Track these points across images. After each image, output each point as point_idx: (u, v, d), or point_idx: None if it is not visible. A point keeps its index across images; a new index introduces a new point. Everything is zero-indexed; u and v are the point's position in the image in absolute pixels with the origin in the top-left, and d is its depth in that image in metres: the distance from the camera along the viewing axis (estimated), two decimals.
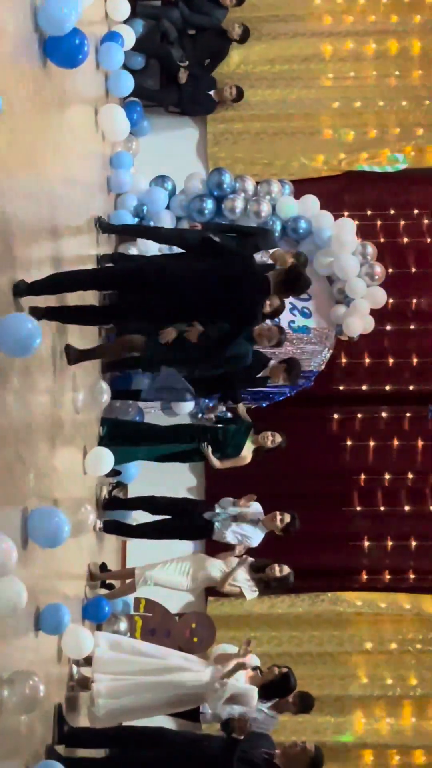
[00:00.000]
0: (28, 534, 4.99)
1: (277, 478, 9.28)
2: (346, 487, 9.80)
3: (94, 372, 7.75)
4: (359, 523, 9.75)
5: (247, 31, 10.04)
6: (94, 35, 7.93)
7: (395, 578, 9.71)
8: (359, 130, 10.24)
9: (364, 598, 9.57)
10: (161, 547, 8.08)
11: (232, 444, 7.94)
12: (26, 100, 5.33)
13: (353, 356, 9.92)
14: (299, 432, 9.12)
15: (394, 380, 9.94)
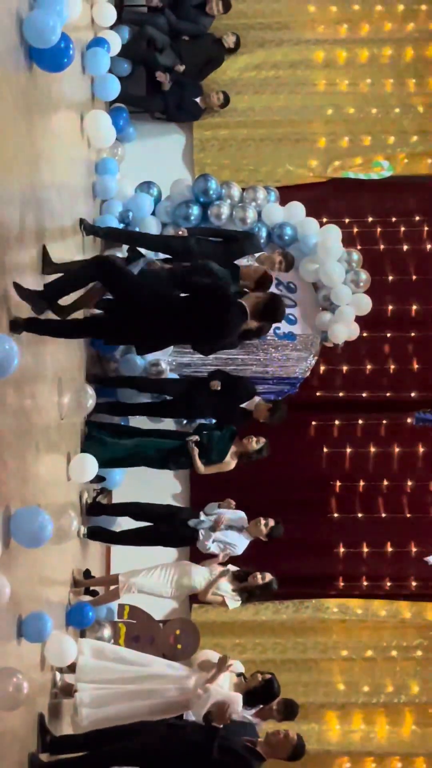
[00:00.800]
0: (11, 533, 4.96)
1: (262, 485, 9.27)
2: (330, 494, 9.80)
3: (79, 378, 7.74)
4: (343, 529, 9.75)
5: (238, 41, 10.07)
6: (80, 41, 7.93)
7: (379, 585, 9.71)
8: (346, 137, 10.26)
9: (349, 605, 9.56)
10: (145, 553, 8.06)
11: (216, 449, 7.94)
12: (11, 104, 5.31)
13: (335, 363, 9.94)
14: (284, 439, 9.13)
15: (375, 387, 9.96)
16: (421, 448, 9.86)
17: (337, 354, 9.88)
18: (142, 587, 7.43)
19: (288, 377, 9.70)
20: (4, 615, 4.97)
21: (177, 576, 7.42)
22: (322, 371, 9.91)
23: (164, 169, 9.97)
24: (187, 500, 9.51)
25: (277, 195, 9.84)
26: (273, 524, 7.66)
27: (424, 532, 9.77)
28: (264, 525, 7.65)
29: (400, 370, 9.97)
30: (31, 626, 5.38)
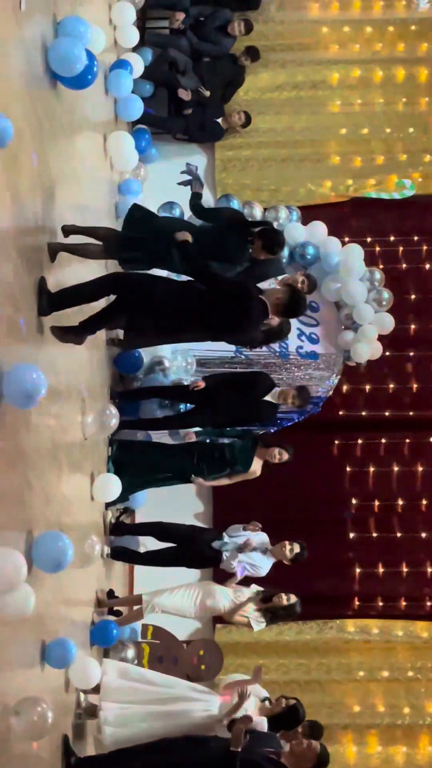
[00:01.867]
0: (33, 560, 4.97)
1: (285, 503, 9.26)
2: (356, 513, 9.76)
3: (102, 398, 7.75)
4: (368, 549, 9.70)
5: (256, 52, 10.10)
6: (103, 63, 7.98)
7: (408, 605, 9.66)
8: (367, 156, 10.29)
9: (373, 626, 9.51)
10: (169, 573, 8.04)
11: (241, 460, 7.92)
12: (36, 126, 5.35)
13: (358, 382, 9.92)
14: (307, 458, 9.11)
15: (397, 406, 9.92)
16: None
17: (360, 373, 9.86)
18: (165, 607, 7.41)
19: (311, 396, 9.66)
20: (28, 637, 4.97)
21: (201, 596, 7.40)
22: (345, 390, 9.89)
23: (186, 190, 9.99)
24: (210, 519, 9.50)
25: (299, 214, 9.86)
26: (298, 550, 7.62)
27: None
28: (289, 550, 7.61)
29: (424, 389, 9.94)
30: (54, 652, 5.37)
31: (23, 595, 4.34)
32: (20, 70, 4.98)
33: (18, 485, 4.79)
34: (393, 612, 9.64)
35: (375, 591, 9.67)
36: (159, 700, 6.51)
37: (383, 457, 9.87)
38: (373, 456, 9.87)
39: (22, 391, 4.46)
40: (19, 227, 4.99)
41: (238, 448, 7.99)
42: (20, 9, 4.90)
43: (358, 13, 10.52)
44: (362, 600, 9.66)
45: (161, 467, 8.08)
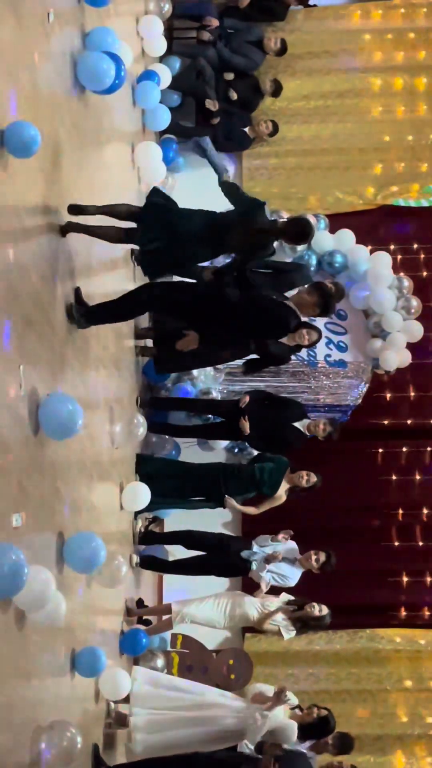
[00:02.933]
0: (65, 558, 4.99)
1: (313, 513, 9.22)
2: (384, 522, 9.71)
3: (130, 407, 7.76)
4: (397, 558, 9.65)
5: (280, 88, 10.12)
6: (130, 74, 8.02)
7: None
8: (394, 164, 10.25)
9: (403, 635, 9.45)
10: (198, 582, 8.04)
11: (270, 483, 7.87)
12: (64, 137, 5.39)
13: (388, 390, 9.87)
14: (335, 466, 9.08)
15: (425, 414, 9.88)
16: None
17: (385, 381, 9.82)
18: (195, 618, 7.39)
19: (339, 405, 9.64)
20: (58, 646, 4.98)
21: (230, 606, 7.38)
22: (372, 398, 9.85)
23: (214, 199, 9.99)
24: (238, 529, 9.48)
25: (327, 223, 9.84)
26: (324, 559, 7.59)
27: None
28: (315, 560, 7.59)
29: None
30: (84, 661, 5.37)
31: (54, 605, 4.36)
32: (48, 81, 5.02)
33: (48, 494, 4.81)
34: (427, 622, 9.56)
35: (407, 600, 9.60)
36: (189, 706, 6.49)
37: (417, 465, 9.80)
38: (404, 464, 9.81)
39: (59, 425, 4.55)
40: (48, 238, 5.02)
41: (268, 471, 7.94)
42: (48, 21, 4.94)
43: (380, 21, 10.50)
44: (394, 610, 9.59)
45: (189, 487, 8.05)
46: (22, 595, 4.02)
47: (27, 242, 4.60)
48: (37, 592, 4.13)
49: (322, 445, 8.58)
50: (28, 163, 4.47)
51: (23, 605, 4.15)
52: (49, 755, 4.34)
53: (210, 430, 8.72)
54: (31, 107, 4.56)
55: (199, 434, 8.78)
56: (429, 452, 9.82)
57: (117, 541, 7.06)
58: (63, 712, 5.02)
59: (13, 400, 4.27)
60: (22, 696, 4.31)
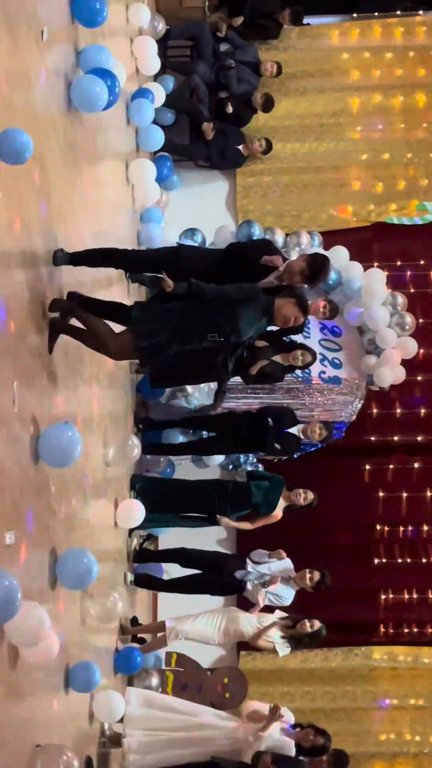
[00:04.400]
0: (57, 575, 4.97)
1: (308, 530, 9.19)
2: (379, 539, 9.70)
3: (125, 426, 7.76)
4: (392, 575, 9.63)
5: (271, 104, 10.16)
6: (124, 92, 8.05)
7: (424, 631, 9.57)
8: (388, 181, 10.30)
9: (399, 653, 9.42)
10: (192, 599, 8.01)
11: (267, 502, 7.84)
12: (58, 155, 5.40)
13: (383, 407, 9.88)
14: (329, 483, 9.06)
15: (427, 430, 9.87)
16: None
17: (376, 397, 9.83)
18: (189, 635, 7.37)
19: (334, 421, 9.63)
20: (53, 663, 4.95)
21: (225, 623, 7.36)
22: (367, 415, 9.85)
23: (208, 216, 10.05)
24: (233, 545, 9.46)
25: (321, 240, 9.87)
26: (318, 578, 7.58)
27: None
28: (309, 578, 7.58)
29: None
30: (78, 676, 5.35)
31: (47, 643, 4.34)
32: (42, 98, 5.03)
33: (42, 512, 4.79)
34: (421, 638, 9.54)
35: (401, 617, 9.57)
36: (183, 727, 6.46)
37: (409, 482, 9.80)
38: (398, 480, 9.80)
39: (58, 453, 4.55)
40: (40, 255, 5.02)
41: (264, 489, 7.93)
42: (42, 39, 4.96)
43: (374, 39, 10.56)
44: (388, 627, 9.57)
45: (185, 505, 8.03)
46: (16, 630, 4.00)
47: (21, 259, 4.60)
48: (31, 629, 4.11)
49: (316, 462, 8.60)
50: (21, 179, 4.47)
51: (17, 641, 4.13)
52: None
53: (204, 446, 8.71)
54: (24, 124, 4.56)
55: (193, 451, 8.77)
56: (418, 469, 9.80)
57: (112, 558, 7.04)
58: (57, 730, 4.99)
59: (7, 417, 4.26)
60: (15, 715, 4.28)
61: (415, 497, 9.74)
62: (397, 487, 9.76)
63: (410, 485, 9.77)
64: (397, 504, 9.74)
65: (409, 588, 9.59)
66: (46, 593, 4.84)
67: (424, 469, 9.81)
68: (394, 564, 9.65)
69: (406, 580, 9.62)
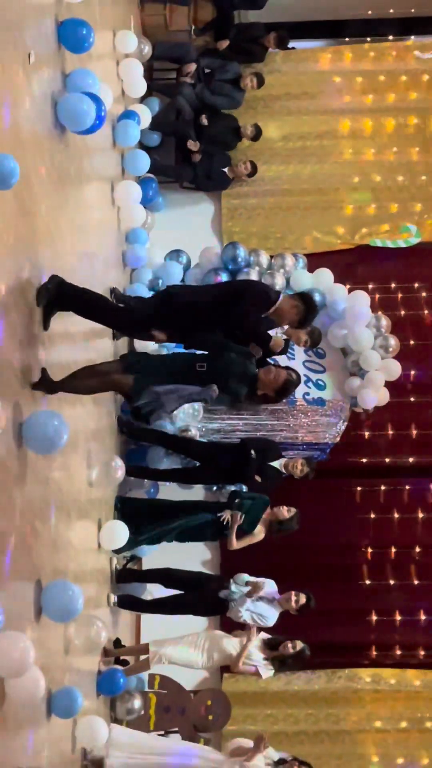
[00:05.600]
0: (42, 607, 4.95)
1: (292, 551, 9.18)
2: (363, 561, 9.69)
3: (109, 449, 7.75)
4: (378, 597, 9.62)
5: (260, 133, 10.23)
6: (110, 114, 8.09)
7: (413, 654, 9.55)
8: (373, 204, 10.38)
9: (383, 675, 9.40)
10: (176, 621, 7.98)
11: (248, 519, 7.84)
12: (45, 177, 5.42)
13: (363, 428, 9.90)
14: (313, 504, 9.06)
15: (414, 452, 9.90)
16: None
17: (363, 419, 9.85)
18: (172, 659, 7.34)
19: (317, 443, 9.65)
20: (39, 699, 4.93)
21: (208, 646, 7.33)
22: (351, 437, 9.87)
23: (193, 238, 10.09)
24: (217, 566, 9.44)
25: (305, 262, 9.92)
26: (304, 601, 7.56)
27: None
28: (295, 601, 7.56)
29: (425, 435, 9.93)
30: (60, 702, 5.32)
31: (33, 679, 4.32)
32: (29, 121, 5.06)
33: (25, 533, 4.78)
34: (406, 661, 9.52)
35: (387, 639, 9.56)
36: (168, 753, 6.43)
37: (398, 503, 9.80)
38: (386, 502, 9.79)
39: (44, 437, 4.53)
40: (26, 276, 5.03)
41: (247, 508, 7.92)
42: (29, 62, 4.98)
43: (360, 63, 10.66)
44: (370, 649, 9.55)
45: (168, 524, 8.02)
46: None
47: (5, 278, 4.61)
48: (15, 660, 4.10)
49: (300, 483, 8.59)
50: (7, 201, 4.49)
51: (2, 672, 4.11)
52: None
53: (186, 476, 8.72)
54: (11, 146, 4.58)
55: (175, 479, 8.76)
56: (407, 491, 9.82)
57: (95, 579, 7.02)
58: (39, 755, 4.96)
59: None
60: None
61: (403, 519, 9.74)
62: (385, 509, 9.76)
63: (399, 506, 9.77)
64: (385, 525, 9.73)
65: (396, 610, 9.57)
66: (27, 616, 4.82)
67: (412, 490, 9.83)
68: (381, 586, 9.63)
69: (392, 602, 9.59)
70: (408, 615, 9.57)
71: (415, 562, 9.69)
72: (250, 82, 10.20)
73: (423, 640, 9.56)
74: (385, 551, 9.68)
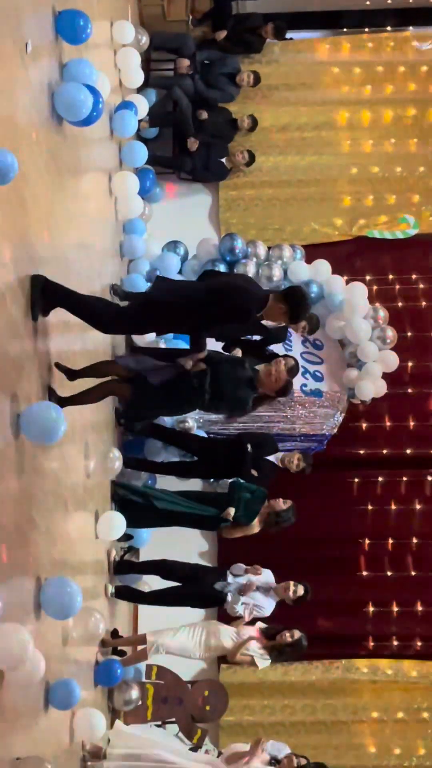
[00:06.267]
0: (41, 605, 4.97)
1: (290, 542, 9.19)
2: (360, 552, 9.71)
3: (107, 438, 7.75)
4: (375, 588, 9.64)
5: (256, 124, 10.21)
6: (108, 104, 8.07)
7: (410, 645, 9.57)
8: (371, 196, 10.35)
9: (380, 665, 9.43)
10: (173, 612, 8.00)
11: (246, 512, 7.86)
12: (42, 167, 5.40)
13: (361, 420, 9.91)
14: (310, 496, 9.07)
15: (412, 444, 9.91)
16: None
17: (360, 411, 9.86)
18: (170, 649, 7.36)
19: (315, 434, 9.66)
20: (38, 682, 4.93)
21: (205, 637, 7.35)
22: (348, 428, 9.87)
23: (191, 229, 10.08)
24: (214, 558, 9.45)
25: (303, 253, 9.91)
26: (301, 593, 7.57)
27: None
28: (292, 591, 7.57)
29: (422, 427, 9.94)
30: (58, 694, 5.33)
31: (32, 661, 4.32)
32: (26, 111, 5.04)
33: (23, 524, 4.78)
34: (404, 652, 9.55)
35: (384, 630, 9.58)
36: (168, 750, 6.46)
37: (396, 495, 9.82)
38: (384, 493, 9.81)
39: (42, 429, 4.53)
40: (23, 267, 5.02)
41: (246, 500, 7.94)
42: (26, 52, 4.96)
43: (358, 54, 10.63)
44: (367, 640, 9.57)
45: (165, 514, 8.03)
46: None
47: (3, 270, 4.60)
48: (15, 652, 4.09)
49: (298, 475, 8.60)
50: (3, 192, 4.47)
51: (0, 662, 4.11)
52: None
53: (182, 470, 8.73)
54: (8, 137, 4.57)
55: (172, 473, 8.77)
56: (405, 482, 9.83)
57: (92, 570, 7.02)
58: (37, 746, 4.97)
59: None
60: None
61: (401, 510, 9.75)
62: (383, 500, 9.78)
63: (397, 498, 9.79)
64: (382, 517, 9.75)
65: (393, 601, 9.59)
66: (27, 609, 4.82)
67: (410, 482, 9.84)
68: (378, 577, 9.66)
69: (389, 593, 9.62)
70: (405, 606, 9.60)
71: (412, 554, 9.72)
72: (247, 78, 10.18)
73: (420, 630, 9.59)
74: (382, 542, 9.70)
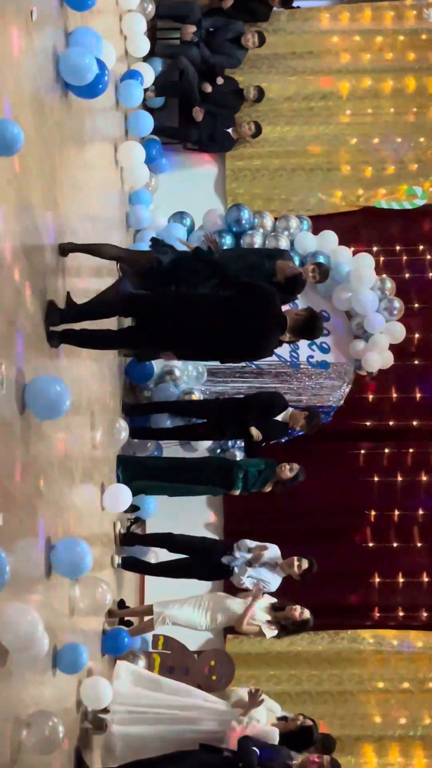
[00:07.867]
0: (52, 565, 4.98)
1: (295, 514, 9.23)
2: (366, 523, 9.73)
3: (113, 408, 7.75)
4: (381, 559, 9.67)
5: (262, 94, 10.13)
6: (113, 73, 8.01)
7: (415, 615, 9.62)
8: (377, 166, 10.28)
9: (386, 636, 9.47)
10: (180, 583, 8.02)
11: (259, 481, 7.89)
12: (46, 136, 5.37)
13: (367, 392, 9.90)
14: (317, 467, 9.08)
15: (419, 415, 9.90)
16: None
17: (367, 382, 9.85)
18: (176, 620, 7.35)
19: (321, 405, 9.66)
20: None
21: (212, 607, 7.34)
22: (355, 400, 9.87)
23: (197, 200, 10.04)
24: (221, 530, 9.48)
25: (310, 224, 9.86)
26: (306, 566, 7.55)
27: None
28: (297, 566, 7.54)
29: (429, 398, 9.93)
30: (66, 657, 5.35)
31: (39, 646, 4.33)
32: (31, 80, 5.00)
33: (30, 495, 4.79)
34: (409, 623, 9.59)
35: (389, 601, 9.62)
36: (169, 706, 6.46)
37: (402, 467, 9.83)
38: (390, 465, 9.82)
39: (46, 403, 4.52)
40: (29, 237, 5.00)
41: (254, 475, 7.95)
42: (32, 19, 4.92)
43: (368, 23, 10.52)
44: (373, 611, 9.61)
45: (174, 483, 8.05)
46: (7, 634, 3.99)
47: (9, 239, 4.58)
48: (24, 633, 4.09)
49: (304, 445, 8.60)
50: (8, 161, 4.44)
51: (9, 645, 4.11)
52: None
53: (192, 431, 8.71)
54: (13, 107, 4.53)
55: (181, 436, 8.77)
56: (411, 454, 9.83)
57: (99, 541, 7.04)
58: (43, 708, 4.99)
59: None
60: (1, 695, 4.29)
61: (407, 482, 9.76)
62: (389, 472, 9.79)
63: (403, 469, 9.79)
64: (388, 488, 9.77)
65: (399, 572, 9.63)
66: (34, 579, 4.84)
67: (416, 453, 9.84)
68: (384, 548, 9.69)
69: (395, 564, 9.66)
70: (410, 577, 9.64)
71: (418, 525, 9.73)
72: (252, 38, 10.08)
73: (425, 601, 9.64)
74: (388, 514, 9.72)
